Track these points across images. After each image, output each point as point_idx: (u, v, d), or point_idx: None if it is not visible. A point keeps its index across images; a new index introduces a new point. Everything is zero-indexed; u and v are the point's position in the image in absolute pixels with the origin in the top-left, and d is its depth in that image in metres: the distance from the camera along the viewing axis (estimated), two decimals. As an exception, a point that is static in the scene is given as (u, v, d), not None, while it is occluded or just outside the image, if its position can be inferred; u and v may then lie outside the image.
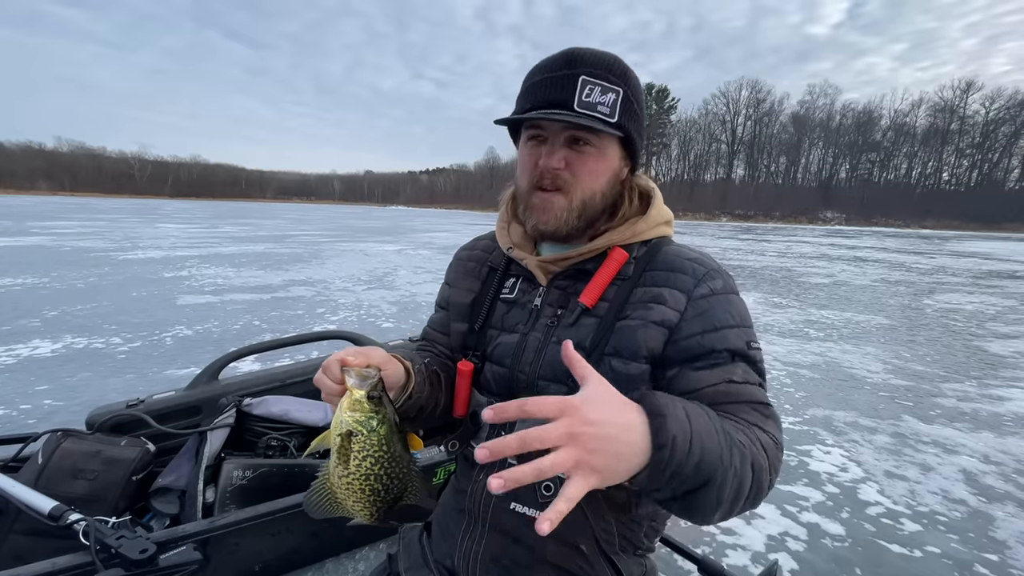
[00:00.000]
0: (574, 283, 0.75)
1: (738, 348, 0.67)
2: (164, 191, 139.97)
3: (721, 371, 0.66)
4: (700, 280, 0.69)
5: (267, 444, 1.46)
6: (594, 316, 0.71)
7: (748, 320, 0.71)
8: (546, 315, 0.76)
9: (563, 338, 0.69)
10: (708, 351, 0.67)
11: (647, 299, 0.70)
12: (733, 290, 0.71)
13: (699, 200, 69.68)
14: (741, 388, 0.66)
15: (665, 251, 0.74)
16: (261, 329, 4.24)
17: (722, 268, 0.73)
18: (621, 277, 0.73)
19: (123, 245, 10.78)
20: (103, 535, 1.08)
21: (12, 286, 5.66)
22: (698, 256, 0.73)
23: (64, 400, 2.63)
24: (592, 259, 0.75)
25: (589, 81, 0.65)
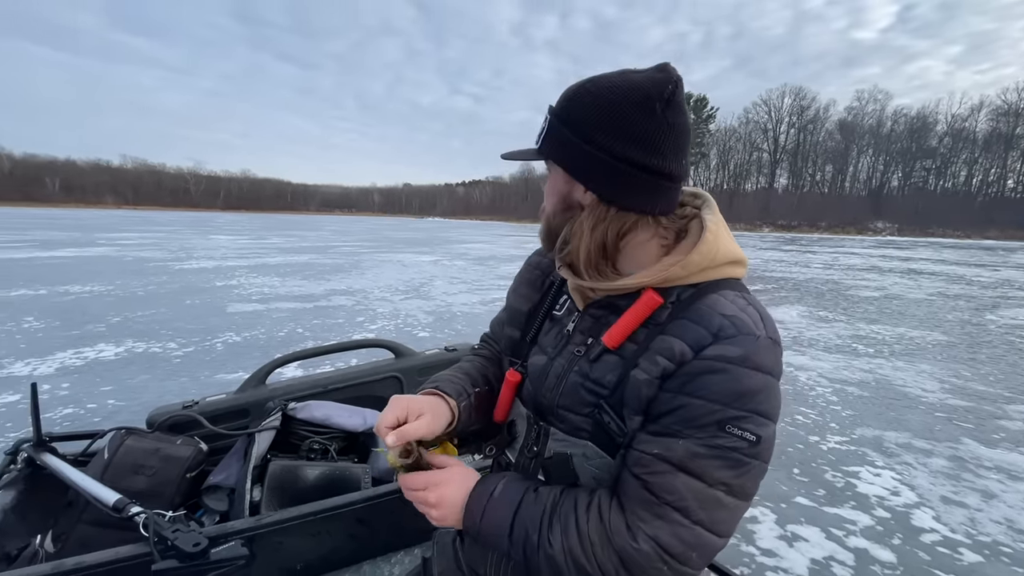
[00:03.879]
0: (607, 314, 0.71)
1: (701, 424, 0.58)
2: (216, 204, 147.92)
3: (660, 441, 0.60)
4: (717, 340, 0.60)
5: (310, 447, 1.53)
6: (618, 356, 0.67)
7: (751, 404, 0.58)
8: (575, 342, 0.74)
9: (591, 375, 0.69)
10: (667, 413, 0.61)
11: (658, 350, 0.63)
12: (757, 366, 0.59)
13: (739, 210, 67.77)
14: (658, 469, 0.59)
15: (707, 300, 0.64)
16: (304, 336, 4.41)
17: (765, 339, 0.61)
18: (654, 321, 0.66)
19: (179, 255, 11.45)
20: (161, 528, 1.15)
21: (81, 293, 6.11)
22: (737, 315, 0.62)
23: (126, 400, 2.81)
24: (627, 296, 0.69)
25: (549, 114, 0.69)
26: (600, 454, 0.68)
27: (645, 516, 0.59)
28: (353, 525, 1.45)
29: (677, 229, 0.71)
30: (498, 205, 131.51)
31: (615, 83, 0.63)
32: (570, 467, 0.70)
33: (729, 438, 0.57)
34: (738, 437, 0.57)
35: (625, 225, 0.67)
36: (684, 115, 0.64)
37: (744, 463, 0.58)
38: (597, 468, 0.69)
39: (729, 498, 0.58)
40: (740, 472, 0.58)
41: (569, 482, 0.71)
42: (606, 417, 0.66)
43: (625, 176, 0.63)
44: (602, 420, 0.67)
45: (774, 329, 0.64)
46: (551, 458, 0.73)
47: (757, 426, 0.58)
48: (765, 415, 0.59)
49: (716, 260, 0.67)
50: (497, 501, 0.66)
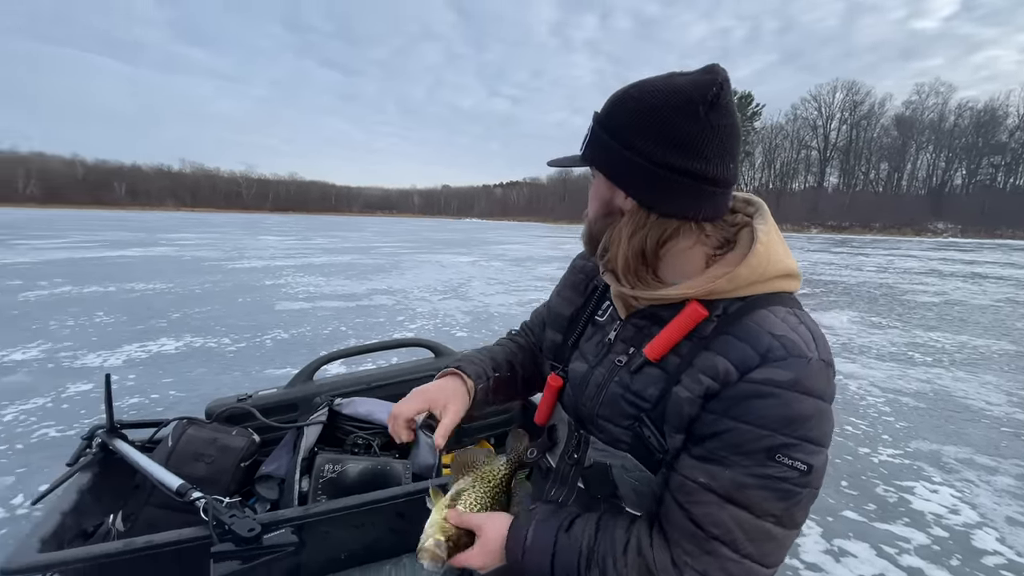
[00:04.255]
0: (650, 325, 0.70)
1: (749, 451, 0.56)
2: (266, 206, 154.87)
3: (706, 467, 0.58)
4: (766, 363, 0.57)
5: (354, 442, 1.59)
6: (660, 369, 0.66)
7: (802, 431, 0.55)
8: (616, 351, 0.72)
9: (632, 387, 0.67)
10: (712, 436, 0.59)
11: (702, 367, 0.61)
12: (808, 390, 0.56)
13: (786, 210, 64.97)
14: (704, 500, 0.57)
15: (754, 316, 0.61)
16: (347, 335, 4.57)
17: (817, 361, 0.58)
18: (698, 335, 0.64)
19: (232, 255, 12.08)
20: (219, 512, 1.23)
21: (145, 291, 6.54)
22: (787, 335, 0.59)
23: (185, 392, 3.00)
24: (670, 306, 0.68)
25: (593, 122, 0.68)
26: (639, 467, 0.67)
27: (692, 551, 0.58)
28: (394, 519, 1.50)
29: (725, 237, 0.67)
30: (535, 206, 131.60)
31: (657, 87, 0.62)
32: (609, 477, 0.70)
33: (778, 467, 0.55)
34: (788, 467, 0.55)
35: (666, 232, 0.64)
36: (731, 117, 0.61)
37: (794, 493, 0.55)
38: (636, 480, 0.68)
39: (778, 529, 0.56)
40: (790, 503, 0.56)
41: (608, 492, 0.71)
42: (646, 431, 0.65)
43: (665, 181, 0.61)
44: (642, 434, 0.66)
45: (827, 350, 0.60)
46: (590, 467, 0.73)
47: (808, 454, 0.55)
48: (816, 442, 0.56)
49: (766, 274, 0.64)
50: (531, 551, 0.66)
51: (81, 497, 1.43)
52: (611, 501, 0.71)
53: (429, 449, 1.68)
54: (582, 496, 0.75)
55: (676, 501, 0.60)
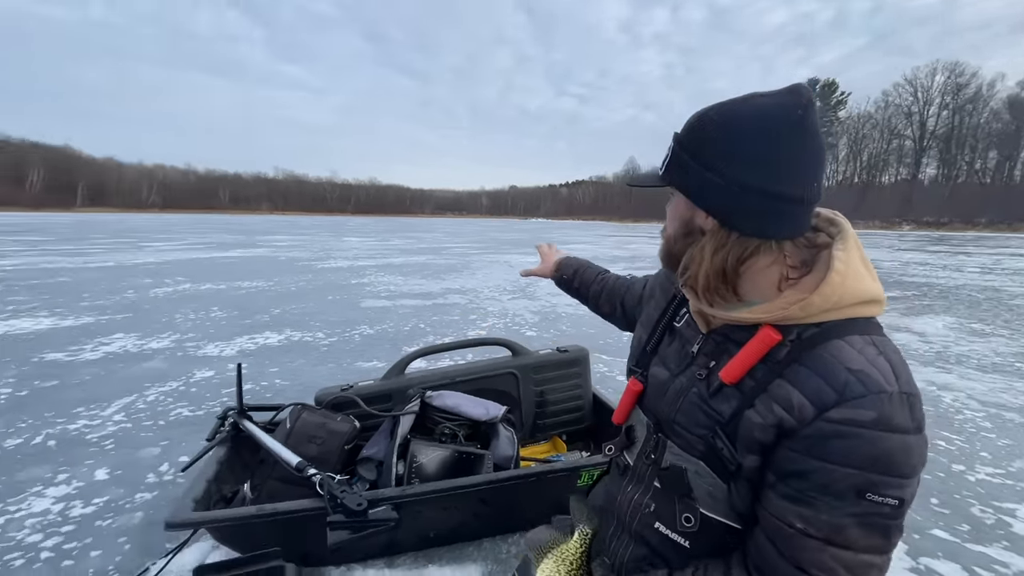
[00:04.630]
0: (727, 342, 0.72)
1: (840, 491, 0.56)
2: (348, 209, 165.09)
3: (799, 510, 0.59)
4: (845, 401, 0.57)
5: (442, 431, 1.74)
6: (738, 392, 0.67)
7: (897, 467, 0.55)
8: (699, 364, 0.75)
9: (704, 395, 0.71)
10: (797, 475, 0.59)
11: (775, 397, 0.62)
12: (891, 427, 0.55)
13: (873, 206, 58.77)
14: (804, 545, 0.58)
15: (829, 347, 0.61)
16: (425, 332, 4.84)
17: (900, 395, 0.57)
18: (772, 359, 0.65)
19: (320, 256, 13.08)
20: (333, 488, 1.41)
21: (250, 289, 7.29)
22: (864, 369, 0.58)
23: (289, 381, 3.36)
24: (744, 328, 0.69)
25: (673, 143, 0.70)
26: (711, 474, 0.70)
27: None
28: (477, 504, 1.63)
29: (803, 259, 0.68)
30: (600, 205, 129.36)
31: (738, 109, 0.63)
32: (685, 481, 0.73)
33: (870, 505, 0.55)
34: (880, 503, 0.55)
35: (746, 251, 0.65)
36: (816, 138, 0.62)
37: (889, 527, 0.57)
38: (711, 487, 0.71)
39: (878, 557, 0.58)
40: (887, 535, 0.57)
41: (683, 492, 0.74)
42: (719, 443, 0.67)
43: (746, 202, 0.62)
44: (715, 445, 0.68)
45: (909, 381, 0.59)
46: (667, 469, 0.76)
47: (898, 488, 0.56)
48: (906, 476, 0.56)
49: (841, 303, 0.62)
50: None
51: (219, 468, 1.68)
52: (685, 501, 0.74)
53: (508, 442, 1.79)
54: (658, 495, 0.79)
55: (775, 546, 0.61)
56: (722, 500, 0.70)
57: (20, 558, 1.61)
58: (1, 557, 1.60)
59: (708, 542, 0.74)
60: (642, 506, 0.81)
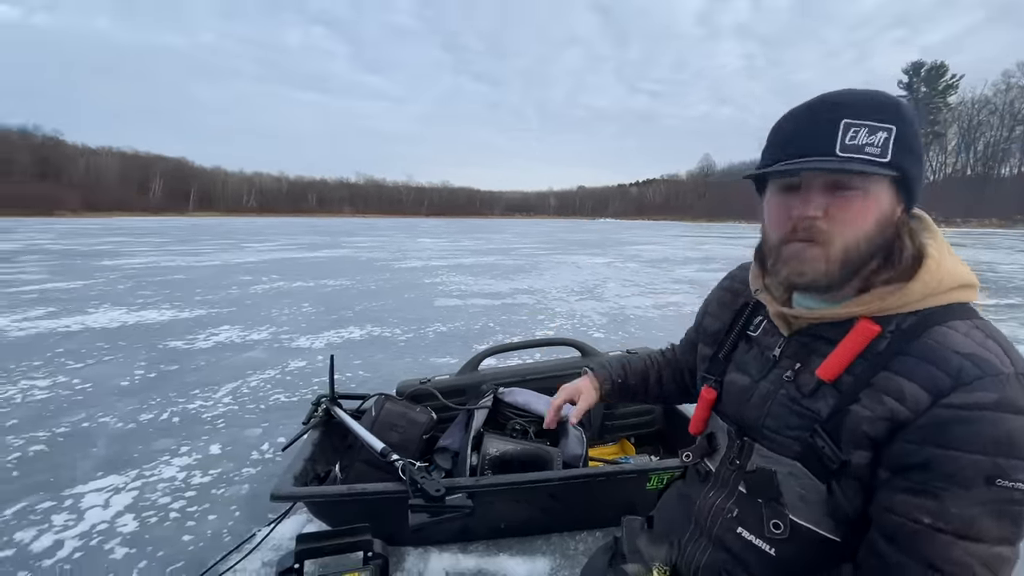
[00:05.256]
0: (815, 341, 0.71)
1: (967, 479, 0.54)
2: (421, 211, 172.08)
3: (928, 508, 0.56)
4: (962, 385, 0.55)
5: (513, 427, 1.81)
6: (835, 389, 0.65)
7: (1015, 450, 0.53)
8: (782, 367, 0.74)
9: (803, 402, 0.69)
10: (919, 467, 0.57)
11: (884, 388, 0.60)
12: (1013, 408, 0.54)
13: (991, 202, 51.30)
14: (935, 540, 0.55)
15: (932, 333, 0.60)
16: (495, 330, 4.97)
17: (1017, 375, 0.56)
18: (872, 352, 0.63)
19: (397, 256, 13.78)
20: (414, 473, 1.52)
21: (335, 286, 7.86)
22: (977, 352, 0.57)
23: (371, 373, 3.60)
24: (836, 325, 0.68)
25: (853, 124, 0.60)
26: (808, 475, 0.68)
27: None
28: (546, 499, 1.67)
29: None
30: (672, 204, 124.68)
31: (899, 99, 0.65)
32: (774, 483, 0.72)
33: (1000, 491, 0.53)
34: (1010, 488, 0.53)
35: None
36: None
37: (1021, 514, 0.54)
38: (803, 489, 0.69)
39: (1011, 549, 0.56)
40: (1017, 523, 0.55)
41: (771, 496, 0.73)
42: (819, 441, 0.65)
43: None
44: (815, 444, 0.66)
45: (1021, 361, 0.58)
46: (754, 472, 0.75)
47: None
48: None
49: (940, 288, 0.62)
50: None
51: (314, 449, 1.85)
52: (773, 506, 0.73)
53: (577, 441, 1.82)
54: (742, 500, 0.78)
55: (899, 546, 0.58)
56: (816, 504, 0.68)
57: (154, 516, 1.88)
58: (141, 514, 1.89)
59: (797, 552, 0.72)
60: (724, 510, 0.80)
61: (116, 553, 1.67)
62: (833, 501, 0.67)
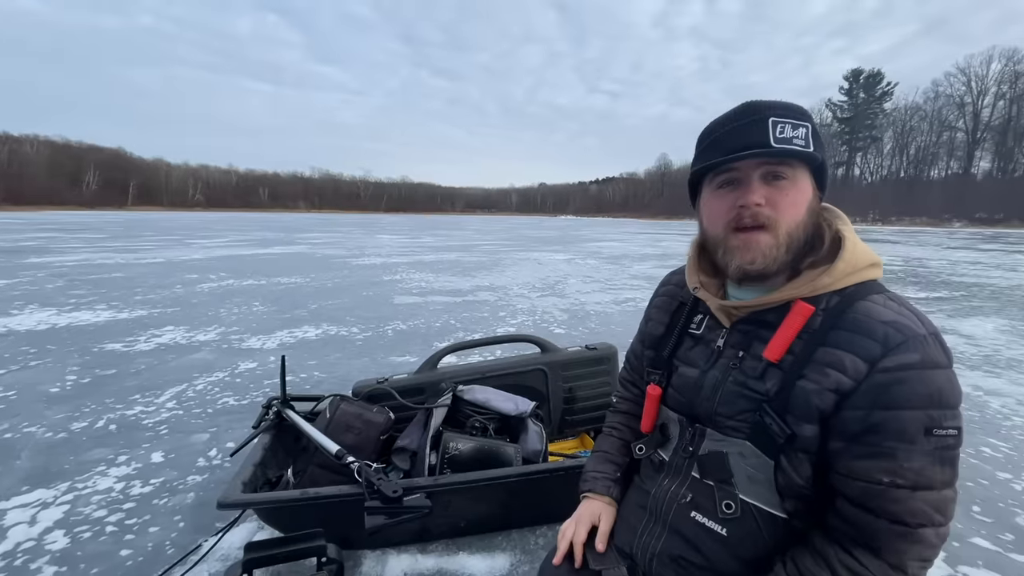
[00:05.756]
0: (757, 328, 0.76)
1: (912, 433, 0.61)
2: (380, 207, 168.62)
3: (884, 467, 0.62)
4: (891, 350, 0.63)
5: (473, 424, 1.80)
6: (779, 369, 0.71)
7: (945, 400, 0.61)
8: (727, 356, 0.79)
9: (750, 385, 0.74)
10: (870, 430, 0.63)
11: (826, 362, 0.66)
12: (935, 364, 0.62)
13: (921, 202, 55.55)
14: (896, 497, 0.62)
15: (858, 307, 0.67)
16: (456, 328, 4.93)
17: (930, 333, 0.64)
18: (807, 330, 0.70)
19: (355, 252, 13.43)
20: (370, 475, 1.49)
21: (289, 284, 7.58)
22: (896, 319, 0.65)
23: (327, 374, 3.50)
24: (773, 310, 0.74)
25: (779, 121, 0.68)
26: (757, 453, 0.73)
27: (905, 546, 0.63)
28: (506, 496, 1.67)
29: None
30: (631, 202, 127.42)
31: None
32: (726, 464, 0.76)
33: (939, 439, 0.61)
34: (944, 435, 0.61)
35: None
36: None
37: (955, 457, 0.63)
38: (752, 468, 0.74)
39: (951, 490, 0.64)
40: (954, 465, 0.63)
41: (722, 478, 0.77)
42: (767, 419, 0.71)
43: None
44: (763, 421, 0.71)
45: (932, 323, 0.66)
46: (706, 455, 0.79)
47: (954, 419, 0.62)
48: (956, 405, 0.63)
49: (858, 266, 0.71)
50: None
51: (265, 453, 1.78)
52: (724, 488, 0.77)
53: (537, 436, 1.83)
54: (695, 485, 0.81)
55: (868, 509, 0.64)
56: (764, 483, 0.73)
57: (88, 531, 1.75)
58: (72, 530, 1.75)
59: (747, 531, 0.76)
60: (679, 496, 0.83)
61: (44, 572, 1.54)
62: (781, 477, 0.71)
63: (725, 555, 0.77)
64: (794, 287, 0.72)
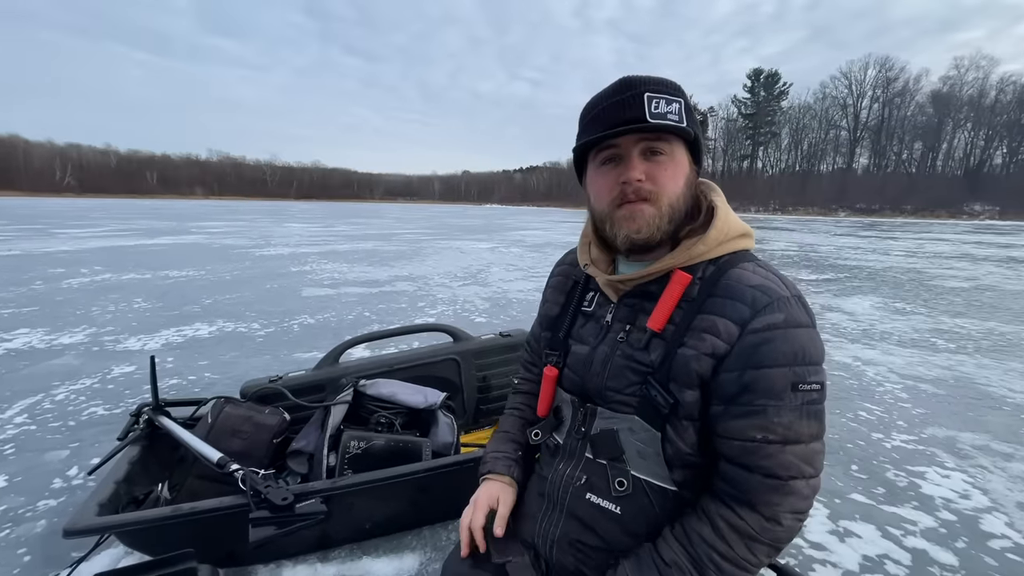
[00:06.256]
0: (641, 301, 0.79)
1: (779, 389, 0.65)
2: (290, 194, 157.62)
3: (757, 424, 0.65)
4: (759, 312, 0.66)
5: (377, 421, 1.70)
6: (662, 339, 0.73)
7: (809, 357, 0.66)
8: (615, 330, 0.81)
9: (636, 357, 0.75)
10: (743, 390, 0.66)
11: (703, 328, 0.69)
12: (798, 323, 0.67)
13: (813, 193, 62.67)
14: (769, 452, 0.65)
15: (729, 275, 0.71)
16: (371, 320, 4.71)
17: (793, 296, 0.69)
18: (687, 299, 0.73)
19: (259, 243, 12.41)
20: (256, 483, 1.35)
21: (179, 278, 6.82)
22: (763, 283, 0.69)
23: (220, 374, 3.17)
24: (656, 281, 0.77)
25: (654, 96, 0.70)
26: (645, 427, 0.74)
27: (778, 499, 0.66)
28: (415, 492, 1.60)
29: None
30: (555, 191, 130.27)
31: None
32: (616, 441, 0.78)
33: (805, 394, 0.65)
34: (809, 390, 0.65)
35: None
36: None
37: (820, 410, 0.67)
38: (642, 442, 0.75)
39: (819, 443, 0.68)
40: (820, 419, 0.67)
41: (614, 455, 0.78)
42: (653, 391, 0.73)
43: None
44: (649, 394, 0.73)
45: (794, 285, 0.71)
46: (598, 434, 0.80)
47: (817, 374, 0.66)
48: (819, 361, 0.67)
49: (730, 235, 0.75)
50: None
51: (131, 468, 1.57)
52: (617, 466, 0.78)
53: (448, 428, 1.77)
54: (589, 465, 0.81)
55: (744, 466, 0.67)
56: (653, 457, 0.75)
57: None
58: None
59: (640, 507, 0.77)
60: (574, 479, 0.83)
61: None
62: (669, 447, 0.73)
63: (619, 533, 0.78)
64: (672, 257, 0.74)
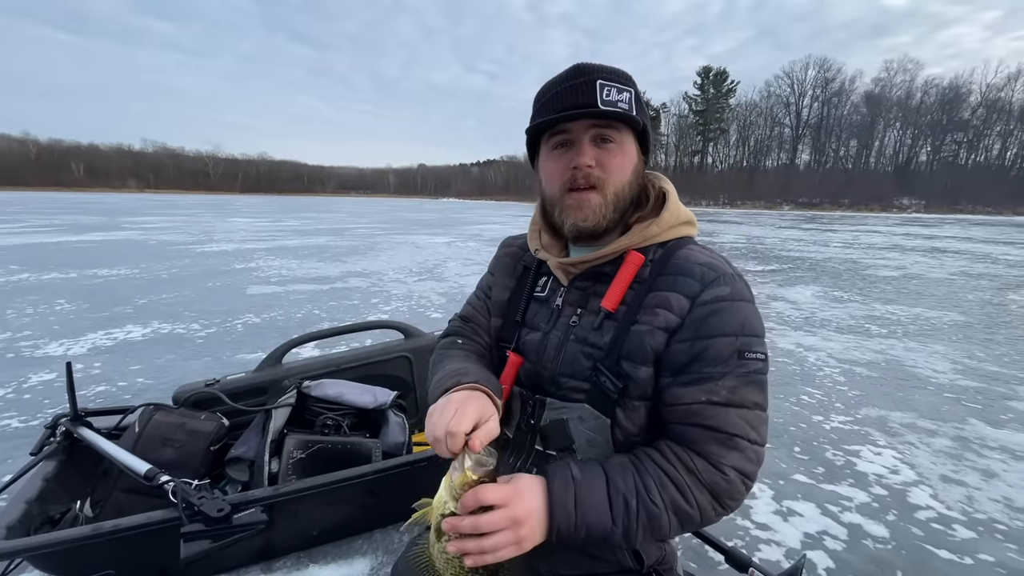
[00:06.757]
0: (593, 284, 0.79)
1: (726, 357, 0.67)
2: (235, 187, 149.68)
3: (703, 388, 0.67)
4: (707, 286, 0.70)
5: (323, 423, 1.62)
6: (615, 320, 0.74)
7: (752, 328, 0.69)
8: (567, 314, 0.80)
9: (589, 339, 0.75)
10: (692, 360, 0.68)
11: (655, 304, 0.71)
12: (742, 297, 0.70)
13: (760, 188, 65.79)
14: (714, 412, 0.67)
15: (678, 255, 0.74)
16: (320, 318, 4.54)
17: (736, 274, 0.73)
18: (638, 280, 0.75)
19: (200, 239, 11.72)
20: (188, 495, 1.25)
21: (109, 277, 6.34)
22: (709, 260, 0.73)
23: (154, 379, 2.96)
24: (609, 263, 0.78)
25: (606, 84, 0.71)
26: (595, 415, 0.74)
27: (722, 452, 0.67)
28: (364, 495, 1.54)
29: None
30: (513, 185, 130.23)
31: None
32: (566, 431, 0.76)
33: (749, 363, 0.68)
34: (754, 359, 0.68)
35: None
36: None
37: (763, 381, 0.70)
38: (591, 431, 0.75)
39: (763, 413, 0.70)
40: (763, 389, 0.70)
41: (564, 446, 0.76)
42: (602, 377, 0.73)
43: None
44: (598, 381, 0.73)
45: (736, 267, 0.75)
46: (547, 425, 0.78)
47: (761, 345, 0.70)
48: (761, 334, 0.70)
49: (679, 219, 0.79)
50: (585, 484, 0.65)
51: (46, 485, 1.43)
52: (564, 457, 0.76)
53: (399, 428, 1.72)
54: (539, 457, 0.80)
55: (692, 424, 0.69)
56: (602, 444, 0.74)
57: None
58: None
59: None
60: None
61: None
62: (618, 432, 0.74)
63: None
64: (627, 239, 0.76)
